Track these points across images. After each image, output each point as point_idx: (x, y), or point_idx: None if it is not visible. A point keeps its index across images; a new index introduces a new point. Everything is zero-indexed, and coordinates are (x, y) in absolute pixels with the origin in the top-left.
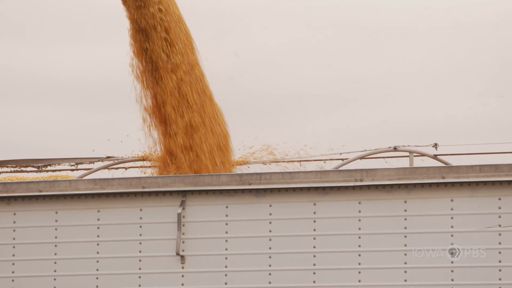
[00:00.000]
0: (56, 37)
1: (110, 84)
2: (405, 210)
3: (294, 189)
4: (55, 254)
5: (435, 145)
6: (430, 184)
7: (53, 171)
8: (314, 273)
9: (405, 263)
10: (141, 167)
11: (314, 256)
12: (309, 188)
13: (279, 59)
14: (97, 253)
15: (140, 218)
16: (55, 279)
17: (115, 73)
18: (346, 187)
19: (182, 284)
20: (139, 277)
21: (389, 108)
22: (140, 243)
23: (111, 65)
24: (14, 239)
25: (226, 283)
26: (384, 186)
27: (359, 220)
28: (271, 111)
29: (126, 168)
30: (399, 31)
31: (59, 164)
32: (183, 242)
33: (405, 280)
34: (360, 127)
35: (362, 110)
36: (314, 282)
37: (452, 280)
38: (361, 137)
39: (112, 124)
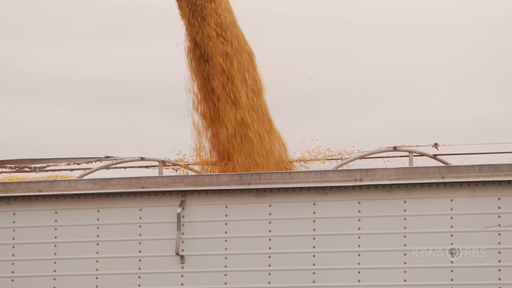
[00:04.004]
0: (56, 37)
1: (109, 84)
2: (405, 210)
3: (294, 189)
4: (55, 254)
5: (435, 145)
6: (430, 184)
7: (53, 171)
8: (313, 273)
9: (405, 263)
10: (141, 167)
11: (314, 256)
12: (308, 188)
13: (279, 60)
14: (97, 253)
15: (140, 218)
16: (54, 279)
17: (115, 73)
18: (346, 187)
19: (182, 284)
20: (139, 277)
21: (390, 108)
22: (140, 243)
23: (114, 66)
24: (13, 239)
25: (225, 283)
26: (383, 186)
27: (359, 220)
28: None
29: (125, 168)
30: (399, 31)
31: (56, 165)
32: (182, 242)
33: (405, 280)
34: (361, 127)
35: (362, 110)
36: (313, 282)
37: (452, 280)
38: (361, 137)
39: (114, 124)
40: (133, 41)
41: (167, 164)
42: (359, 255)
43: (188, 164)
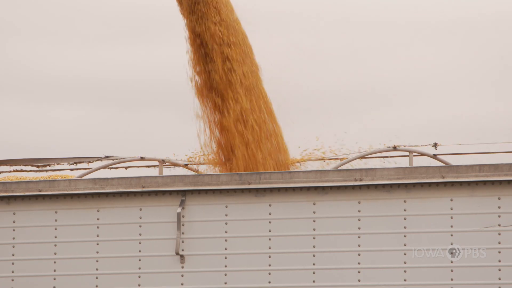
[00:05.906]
0: (56, 37)
1: (111, 84)
2: (405, 210)
3: (293, 188)
4: (55, 254)
5: (435, 145)
6: (430, 184)
7: (53, 170)
8: (313, 273)
9: (405, 263)
10: (141, 166)
11: (314, 256)
12: (308, 188)
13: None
14: (97, 252)
15: (140, 218)
16: (54, 279)
17: (116, 74)
18: (346, 187)
19: (182, 284)
20: (139, 277)
21: (389, 108)
22: (140, 243)
23: (116, 66)
24: (13, 238)
25: (225, 283)
26: (383, 185)
27: (359, 220)
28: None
29: (126, 168)
30: (400, 30)
31: (57, 164)
32: (182, 242)
33: (405, 280)
34: (360, 126)
35: (362, 110)
36: (313, 281)
37: (452, 280)
38: (360, 136)
39: (113, 124)
40: (133, 41)
41: (167, 164)
42: (359, 255)
43: (187, 164)
